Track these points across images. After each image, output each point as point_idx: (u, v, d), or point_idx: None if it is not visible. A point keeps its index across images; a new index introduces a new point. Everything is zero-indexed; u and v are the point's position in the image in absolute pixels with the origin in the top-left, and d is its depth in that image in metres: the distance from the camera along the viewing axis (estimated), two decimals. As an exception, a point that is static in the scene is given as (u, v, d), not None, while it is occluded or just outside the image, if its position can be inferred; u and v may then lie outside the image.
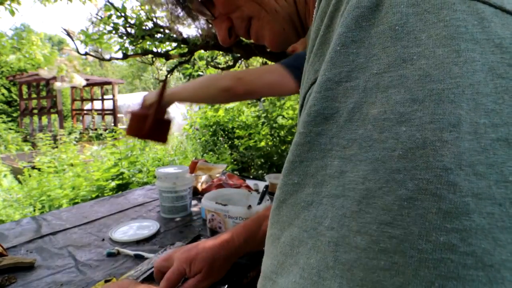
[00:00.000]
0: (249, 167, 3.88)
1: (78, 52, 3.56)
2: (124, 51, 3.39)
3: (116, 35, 3.34)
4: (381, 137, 0.17)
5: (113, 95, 8.76)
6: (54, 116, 8.56)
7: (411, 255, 0.15)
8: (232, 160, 3.83)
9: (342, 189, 0.18)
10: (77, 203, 2.46)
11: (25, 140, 7.49)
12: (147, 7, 3.14)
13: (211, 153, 4.07)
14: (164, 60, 3.93)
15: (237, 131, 4.06)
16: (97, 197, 2.71)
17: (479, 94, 0.16)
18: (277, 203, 0.23)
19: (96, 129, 7.86)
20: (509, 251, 0.15)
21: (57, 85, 5.89)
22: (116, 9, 3.14)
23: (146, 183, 3.05)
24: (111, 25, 3.27)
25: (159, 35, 3.33)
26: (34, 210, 2.69)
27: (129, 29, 3.32)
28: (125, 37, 3.33)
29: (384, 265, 0.16)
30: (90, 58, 3.68)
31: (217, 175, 1.32)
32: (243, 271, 0.63)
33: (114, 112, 8.70)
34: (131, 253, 0.73)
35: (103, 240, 0.81)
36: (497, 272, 0.15)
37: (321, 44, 0.24)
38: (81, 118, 9.42)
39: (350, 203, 0.18)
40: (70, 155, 3.77)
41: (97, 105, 9.26)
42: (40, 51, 4.47)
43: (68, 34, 3.38)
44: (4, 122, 9.18)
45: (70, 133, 5.38)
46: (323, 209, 0.19)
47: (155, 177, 1.42)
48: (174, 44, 3.54)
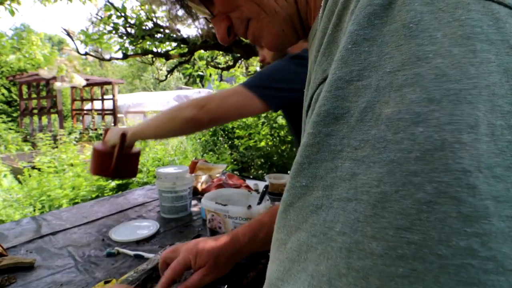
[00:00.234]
0: (249, 167, 3.88)
1: (78, 52, 3.57)
2: (124, 51, 3.39)
3: (116, 35, 3.35)
4: (396, 138, 0.17)
5: (113, 95, 8.75)
6: (54, 116, 8.55)
7: (431, 261, 0.15)
8: (232, 160, 3.83)
9: (354, 192, 0.17)
10: (77, 203, 2.46)
11: (25, 140, 7.48)
12: (147, 7, 3.14)
13: (211, 153, 4.07)
14: (164, 60, 3.94)
15: (237, 131, 4.05)
16: (97, 197, 2.71)
17: (495, 95, 0.16)
18: (284, 206, 0.22)
19: (96, 129, 7.86)
20: None
21: (57, 85, 5.88)
22: (116, 9, 3.14)
23: (146, 183, 3.05)
24: (111, 25, 3.28)
25: (159, 35, 3.33)
26: (34, 210, 2.69)
27: (129, 29, 3.33)
28: (125, 37, 3.34)
29: (402, 272, 0.15)
30: (90, 58, 3.68)
31: (217, 175, 1.32)
32: (243, 271, 0.63)
33: (114, 112, 8.69)
34: (131, 253, 0.73)
35: (103, 240, 0.81)
36: None
37: (329, 43, 0.23)
38: (81, 118, 9.41)
39: (364, 207, 0.17)
40: (70, 155, 3.77)
41: (97, 105, 9.25)
42: (40, 51, 4.47)
43: (68, 34, 3.38)
44: (4, 122, 9.17)
45: (70, 133, 5.37)
46: (334, 213, 0.18)
47: (155, 177, 1.42)
48: (174, 44, 3.54)
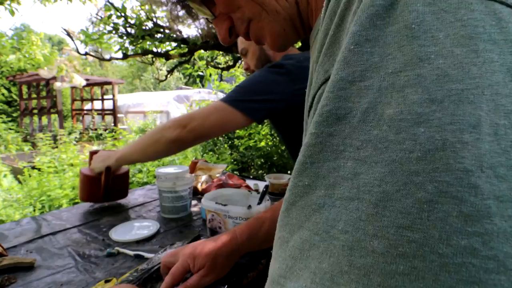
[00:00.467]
0: (249, 167, 3.88)
1: (78, 52, 3.57)
2: (124, 51, 3.39)
3: (116, 35, 3.35)
4: (397, 138, 0.17)
5: (113, 95, 8.75)
6: (54, 116, 8.55)
7: (432, 260, 0.15)
8: (232, 160, 3.83)
9: (357, 191, 0.18)
10: (77, 203, 2.46)
11: (25, 140, 7.47)
12: (147, 7, 3.14)
13: (211, 153, 4.07)
14: (164, 60, 3.93)
15: (237, 131, 4.05)
16: (97, 197, 2.70)
17: (498, 95, 0.16)
18: (286, 205, 0.22)
19: (96, 129, 7.85)
20: None
21: (57, 85, 5.88)
22: (116, 9, 3.14)
23: (146, 183, 3.05)
24: (111, 25, 3.27)
25: (159, 35, 3.33)
26: (34, 210, 2.69)
27: (129, 29, 3.32)
28: (125, 37, 3.33)
29: (403, 270, 0.15)
30: (90, 58, 3.68)
31: (217, 175, 1.32)
32: (243, 271, 0.63)
33: (114, 112, 8.70)
34: (131, 253, 0.73)
35: (103, 240, 0.81)
36: None
37: (331, 44, 0.23)
38: (81, 118, 9.40)
39: (366, 205, 0.17)
40: (70, 155, 3.77)
41: (97, 105, 9.25)
42: (40, 51, 4.46)
43: (68, 34, 3.38)
44: (4, 122, 9.15)
45: (70, 133, 5.38)
46: (336, 211, 0.18)
47: (155, 177, 1.42)
48: (174, 44, 3.54)
